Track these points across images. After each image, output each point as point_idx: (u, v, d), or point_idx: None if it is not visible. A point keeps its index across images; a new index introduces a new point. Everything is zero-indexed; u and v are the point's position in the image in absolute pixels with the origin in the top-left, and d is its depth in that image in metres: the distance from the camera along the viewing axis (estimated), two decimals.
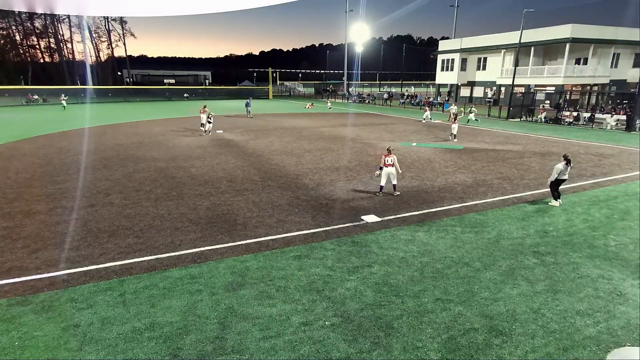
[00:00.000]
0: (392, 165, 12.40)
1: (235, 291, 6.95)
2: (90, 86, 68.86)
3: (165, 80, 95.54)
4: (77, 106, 52.44)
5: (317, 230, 9.78)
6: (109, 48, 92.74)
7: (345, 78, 78.63)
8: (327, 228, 9.89)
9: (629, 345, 5.54)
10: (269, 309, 6.43)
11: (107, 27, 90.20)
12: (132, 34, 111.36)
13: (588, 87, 45.41)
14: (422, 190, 13.35)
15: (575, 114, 33.58)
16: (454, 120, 24.78)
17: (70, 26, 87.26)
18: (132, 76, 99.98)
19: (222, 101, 66.61)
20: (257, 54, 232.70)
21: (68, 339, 5.69)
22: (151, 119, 36.96)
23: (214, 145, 22.19)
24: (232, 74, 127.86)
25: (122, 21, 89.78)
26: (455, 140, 23.76)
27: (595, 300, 6.69)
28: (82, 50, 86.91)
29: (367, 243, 9.01)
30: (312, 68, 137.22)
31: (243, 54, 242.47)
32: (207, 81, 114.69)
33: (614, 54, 47.23)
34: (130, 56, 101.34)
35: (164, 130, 28.71)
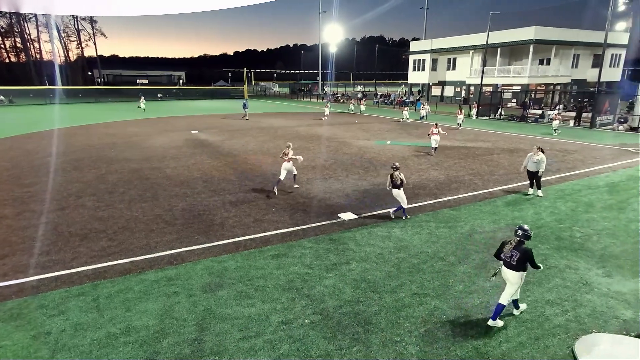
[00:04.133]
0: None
1: (214, 292, 6.89)
2: (59, 86, 66.40)
3: (138, 81, 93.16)
4: (46, 107, 50.54)
5: (294, 228, 9.79)
6: (78, 48, 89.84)
7: (320, 78, 78.83)
8: (304, 226, 9.92)
9: (595, 332, 5.81)
10: (248, 309, 6.41)
11: (76, 27, 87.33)
12: (103, 34, 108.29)
13: (551, 86, 47.11)
14: None
15: (540, 111, 34.79)
16: (435, 132, 19.24)
17: (37, 25, 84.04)
18: (104, 76, 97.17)
19: (197, 101, 65.62)
20: (232, 54, 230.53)
21: (39, 347, 5.51)
22: (124, 120, 36.03)
23: (188, 146, 21.84)
24: (207, 74, 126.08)
25: (92, 20, 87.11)
26: (435, 152, 19.52)
27: (563, 290, 6.98)
28: (51, 49, 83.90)
29: (345, 240, 9.10)
30: (287, 68, 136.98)
31: (217, 54, 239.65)
32: (181, 81, 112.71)
33: (574, 55, 49.28)
34: (101, 56, 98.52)
35: (137, 131, 28.06)
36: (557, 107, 33.59)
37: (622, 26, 48.15)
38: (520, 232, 5.96)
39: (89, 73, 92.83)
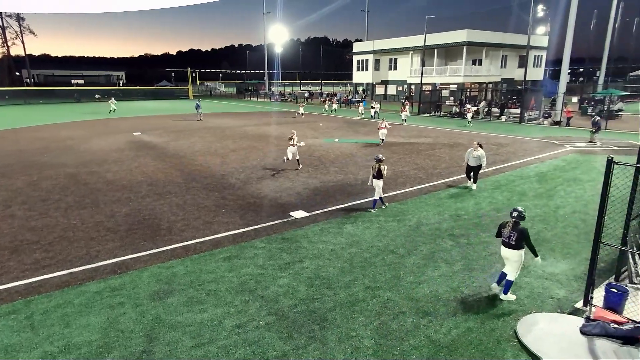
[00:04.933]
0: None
1: (162, 300, 6.60)
2: None
3: (73, 81, 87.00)
4: None
5: (246, 229, 9.63)
6: (4, 46, 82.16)
7: (266, 78, 78.17)
8: (256, 226, 9.78)
9: (534, 312, 6.23)
10: (200, 314, 6.21)
11: (0, 24, 79.90)
12: (32, 32, 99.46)
13: (484, 85, 50.12)
14: (346, 183, 13.74)
15: (475, 108, 36.81)
16: (383, 126, 21.68)
17: None
18: (34, 76, 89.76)
19: (138, 102, 62.55)
20: (175, 53, 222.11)
21: None
22: (57, 122, 33.56)
23: (131, 148, 20.77)
24: (149, 74, 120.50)
25: (18, 17, 79.98)
26: (383, 143, 21.64)
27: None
28: None
29: (297, 238, 9.08)
30: (233, 68, 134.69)
31: (159, 54, 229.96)
32: (120, 81, 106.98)
33: (502, 56, 53.08)
34: (30, 55, 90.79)
35: (72, 134, 26.25)
36: (469, 104, 36.57)
37: (542, 30, 52.40)
38: (515, 214, 6.54)
39: (17, 73, 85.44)
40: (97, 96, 66.60)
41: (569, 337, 5.67)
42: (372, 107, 37.33)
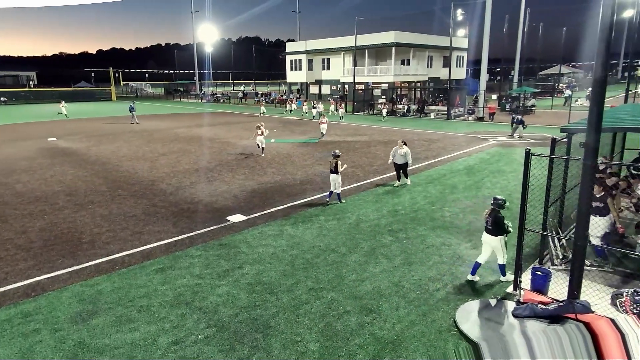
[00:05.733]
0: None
1: (86, 322, 5.96)
2: None
3: None
4: None
5: (180, 237, 9.07)
6: None
7: (196, 78, 75.47)
8: (191, 234, 9.26)
9: (470, 300, 6.47)
10: (131, 334, 5.68)
11: None
12: None
13: (413, 84, 52.49)
14: (284, 184, 13.54)
15: (405, 106, 38.37)
16: (324, 121, 23.98)
17: None
18: None
19: (53, 105, 57.38)
20: (94, 52, 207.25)
21: None
22: None
23: (45, 156, 18.89)
24: (65, 75, 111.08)
25: None
26: (323, 137, 23.50)
27: (441, 266, 7.66)
28: None
29: (236, 244, 8.72)
30: (160, 68, 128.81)
31: (76, 53, 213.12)
32: (31, 82, 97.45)
33: (428, 57, 56.07)
34: None
35: None
36: (385, 100, 39.24)
37: (462, 33, 56.05)
38: (493, 202, 6.97)
39: None
40: (2, 99, 60.16)
41: (503, 321, 5.95)
42: (314, 107, 36.45)
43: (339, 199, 11.55)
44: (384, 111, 35.61)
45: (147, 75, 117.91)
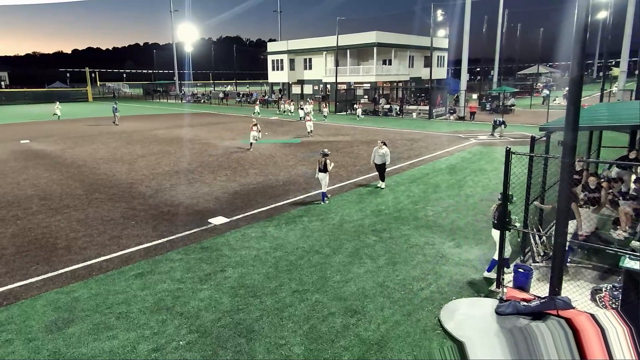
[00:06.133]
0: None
1: (62, 330, 5.74)
2: None
3: None
4: None
5: (160, 241, 8.86)
6: None
7: (176, 78, 74.36)
8: (171, 237, 9.06)
9: (454, 299, 6.48)
10: (109, 342, 5.49)
11: None
12: None
13: (395, 84, 52.88)
14: (267, 185, 13.40)
15: (387, 106, 38.62)
16: (308, 119, 25.57)
17: None
18: None
19: (27, 106, 55.77)
20: (70, 52, 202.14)
21: None
22: None
23: (18, 159, 18.27)
24: (39, 75, 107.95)
25: None
26: (311, 135, 24.50)
27: (425, 265, 7.67)
28: None
29: (218, 246, 8.56)
30: (139, 68, 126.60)
31: (51, 52, 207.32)
32: (3, 83, 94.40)
33: (410, 57, 56.54)
34: None
35: None
36: (360, 100, 40.32)
37: (442, 33, 56.77)
38: (499, 196, 6.83)
39: None
40: None
41: (487, 319, 5.98)
42: (301, 109, 33.33)
43: (323, 199, 11.50)
44: (359, 110, 36.12)
45: (125, 75, 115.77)
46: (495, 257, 6.99)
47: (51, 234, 9.33)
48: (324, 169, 11.28)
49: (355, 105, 38.33)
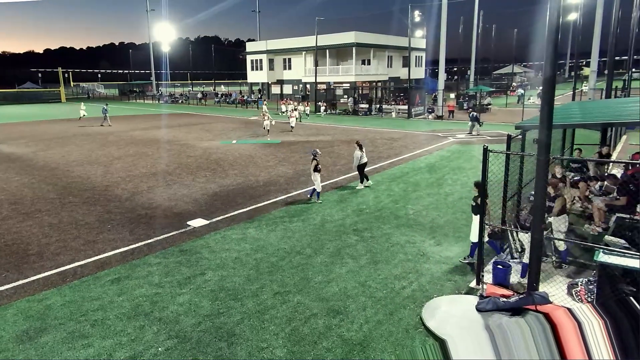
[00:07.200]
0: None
1: (34, 340, 5.52)
2: None
3: None
4: None
5: (137, 245, 8.64)
6: None
7: (153, 78, 73.02)
8: (149, 241, 8.84)
9: (436, 297, 6.53)
10: (84, 350, 5.31)
11: None
12: None
13: (374, 83, 53.29)
14: (247, 186, 13.26)
15: (367, 105, 38.86)
16: (292, 115, 27.65)
17: None
18: None
19: None
20: (41, 52, 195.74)
21: None
22: None
23: None
24: (8, 75, 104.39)
25: None
26: (292, 130, 26.25)
27: (407, 264, 7.70)
28: None
29: (197, 249, 8.41)
30: (114, 68, 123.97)
31: (22, 52, 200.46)
32: None
33: (388, 57, 57.12)
34: None
35: None
36: (323, 100, 41.06)
37: (420, 33, 57.54)
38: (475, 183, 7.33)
39: None
40: None
41: (468, 316, 6.03)
42: (295, 109, 30.40)
43: (310, 196, 11.74)
44: (322, 109, 37.93)
45: (99, 75, 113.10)
46: (474, 239, 7.22)
47: (22, 239, 8.99)
48: (315, 169, 11.54)
49: (318, 104, 39.88)
